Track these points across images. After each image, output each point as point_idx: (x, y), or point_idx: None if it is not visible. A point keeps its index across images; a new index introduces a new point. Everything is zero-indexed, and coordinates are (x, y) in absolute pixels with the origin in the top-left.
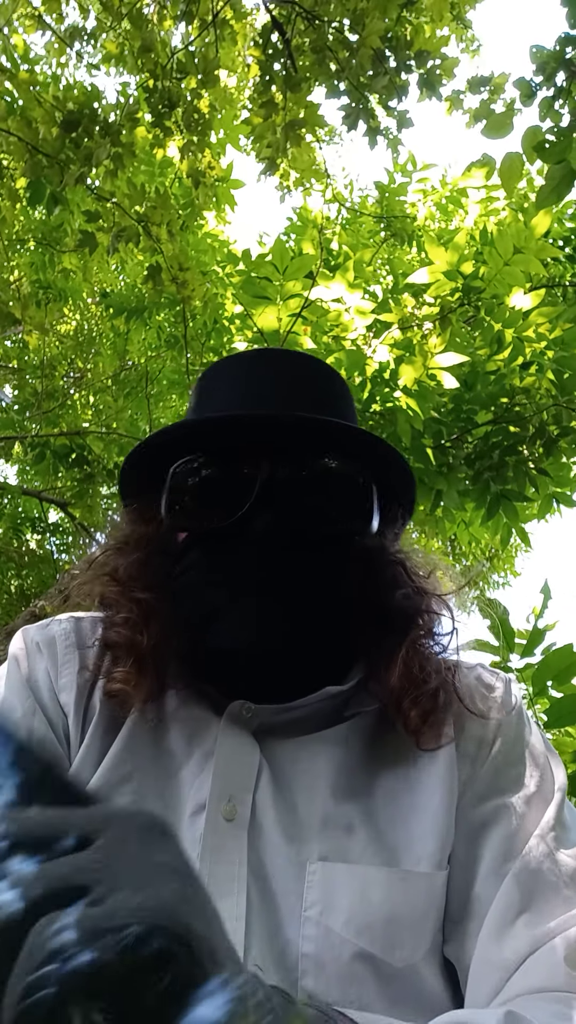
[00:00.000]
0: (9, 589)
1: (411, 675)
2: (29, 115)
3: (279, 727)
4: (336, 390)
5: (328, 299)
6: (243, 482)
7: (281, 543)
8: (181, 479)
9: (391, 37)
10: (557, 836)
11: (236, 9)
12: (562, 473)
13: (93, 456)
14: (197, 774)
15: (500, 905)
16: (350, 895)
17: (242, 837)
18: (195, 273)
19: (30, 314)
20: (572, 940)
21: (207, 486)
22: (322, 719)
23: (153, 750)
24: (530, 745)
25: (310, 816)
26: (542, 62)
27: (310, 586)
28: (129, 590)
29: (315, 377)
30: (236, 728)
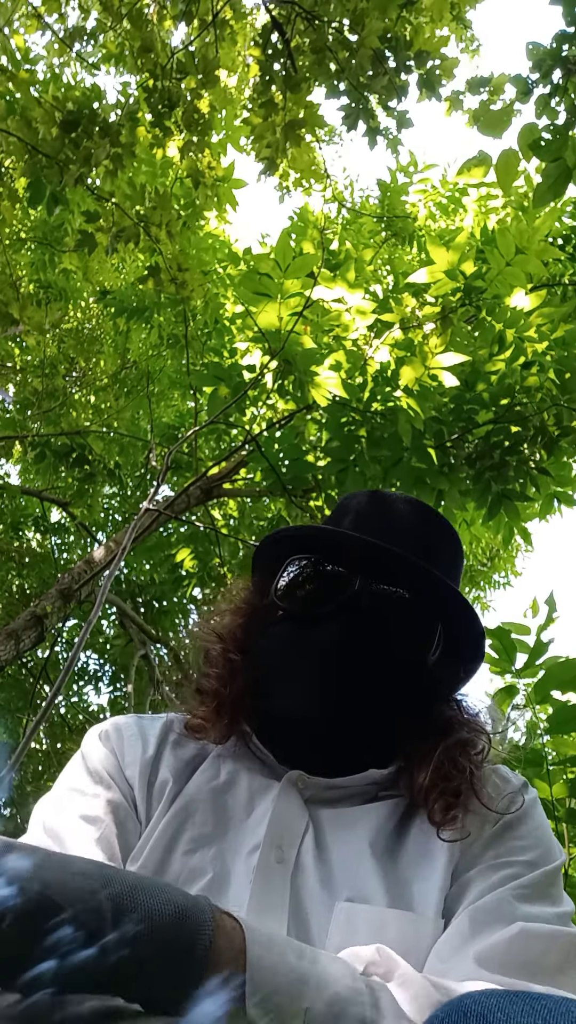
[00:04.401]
0: (9, 589)
1: (440, 773)
2: (29, 115)
3: (327, 799)
4: (454, 552)
5: (329, 299)
6: (335, 587)
7: (349, 644)
8: (293, 570)
9: (391, 37)
10: (526, 895)
11: (236, 9)
12: (563, 473)
13: (93, 455)
14: (256, 823)
15: (447, 936)
16: (368, 932)
17: (287, 876)
18: (195, 273)
19: (28, 314)
20: (487, 946)
21: (308, 581)
22: (361, 797)
23: (216, 800)
24: (534, 827)
25: (343, 870)
26: (539, 59)
27: (366, 681)
28: (226, 650)
29: (429, 532)
30: (291, 792)
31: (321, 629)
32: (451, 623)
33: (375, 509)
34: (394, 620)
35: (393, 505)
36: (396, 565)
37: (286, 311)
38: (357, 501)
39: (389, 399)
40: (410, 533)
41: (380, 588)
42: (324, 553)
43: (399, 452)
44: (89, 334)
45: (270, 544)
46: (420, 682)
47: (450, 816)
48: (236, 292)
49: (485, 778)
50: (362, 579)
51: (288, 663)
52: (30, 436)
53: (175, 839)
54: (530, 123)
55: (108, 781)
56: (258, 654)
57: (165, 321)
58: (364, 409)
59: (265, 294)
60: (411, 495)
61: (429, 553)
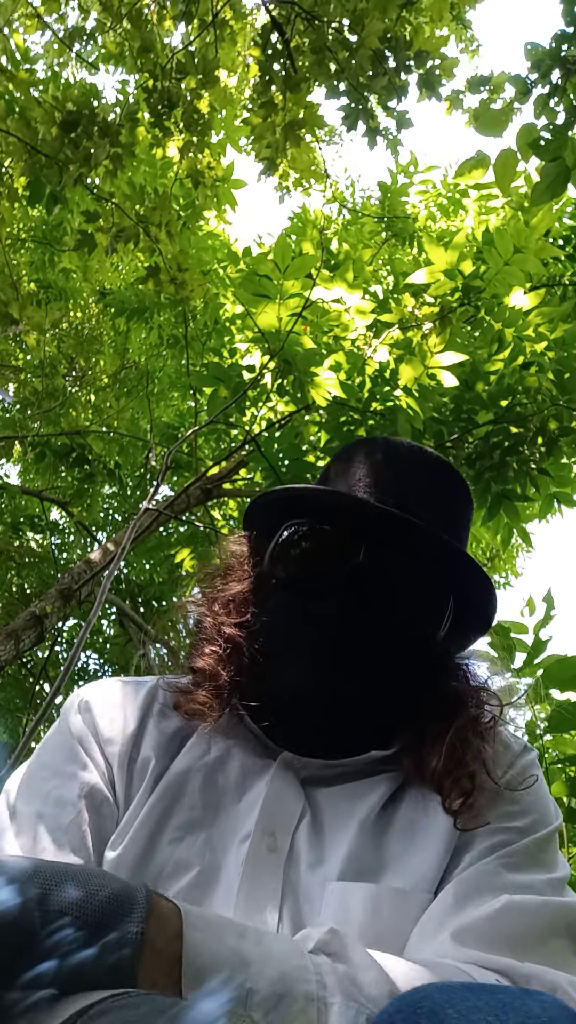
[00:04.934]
0: (9, 589)
1: (453, 758)
2: (28, 115)
3: (325, 778)
4: (455, 507)
5: (328, 299)
6: (338, 557)
7: (353, 620)
8: (291, 535)
9: (390, 37)
10: (516, 862)
11: (236, 9)
12: (563, 473)
13: (93, 455)
14: (248, 808)
15: (434, 907)
16: (363, 911)
17: (279, 866)
18: (195, 273)
19: (28, 314)
20: (467, 921)
21: (308, 549)
22: (361, 773)
23: (206, 781)
24: (531, 789)
25: (335, 849)
26: (537, 60)
27: (369, 663)
28: (222, 622)
29: (440, 489)
30: (287, 774)
31: (322, 602)
32: (462, 592)
33: (385, 464)
34: (403, 594)
35: (404, 459)
36: (408, 533)
37: (285, 312)
38: (364, 453)
39: (388, 399)
40: (424, 494)
41: (389, 558)
42: (327, 516)
43: None
44: (89, 334)
45: (264, 504)
46: (428, 659)
47: (468, 803)
48: (236, 293)
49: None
50: (368, 547)
51: (286, 640)
52: (30, 436)
53: (161, 824)
54: (529, 123)
55: (83, 760)
56: (255, 628)
57: (165, 321)
58: (363, 409)
59: (265, 295)
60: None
61: (444, 517)
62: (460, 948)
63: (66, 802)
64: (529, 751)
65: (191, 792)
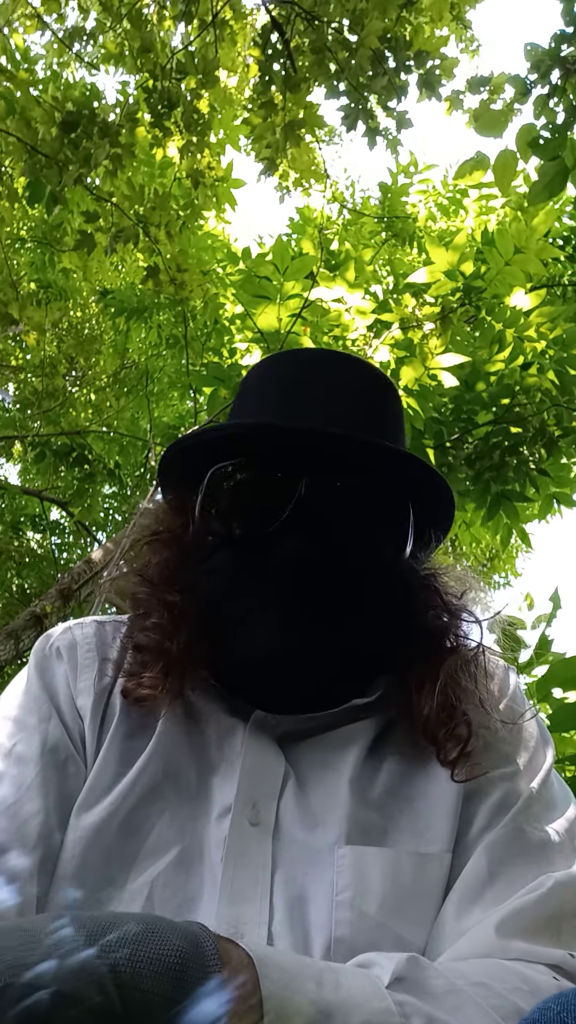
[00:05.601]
0: (9, 588)
1: (447, 704)
2: (28, 115)
3: (302, 732)
4: (386, 405)
5: (329, 299)
6: (279, 495)
7: (311, 560)
8: (218, 483)
9: (390, 37)
10: (535, 812)
11: (236, 9)
12: (562, 473)
13: (93, 455)
14: (224, 779)
15: (467, 876)
16: (382, 878)
17: (266, 841)
18: (195, 273)
19: (28, 314)
20: (510, 912)
21: (242, 494)
22: (344, 719)
23: (183, 755)
24: (522, 726)
25: (333, 807)
26: (537, 60)
27: (337, 603)
28: (160, 591)
29: (367, 389)
30: (262, 735)
31: (270, 549)
32: (418, 496)
33: (298, 380)
34: (357, 518)
35: (316, 369)
36: (347, 449)
37: (285, 312)
38: (273, 373)
39: None
40: (350, 401)
41: (332, 482)
42: (252, 454)
43: None
44: (89, 334)
45: (179, 453)
46: (397, 583)
47: (465, 752)
48: (236, 294)
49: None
50: (308, 478)
51: (239, 597)
52: (30, 436)
53: (131, 792)
54: (528, 123)
55: (49, 711)
56: (201, 591)
57: (165, 321)
58: None
59: (264, 296)
60: None
61: (374, 420)
62: (506, 941)
63: (27, 759)
64: (510, 672)
65: (164, 757)
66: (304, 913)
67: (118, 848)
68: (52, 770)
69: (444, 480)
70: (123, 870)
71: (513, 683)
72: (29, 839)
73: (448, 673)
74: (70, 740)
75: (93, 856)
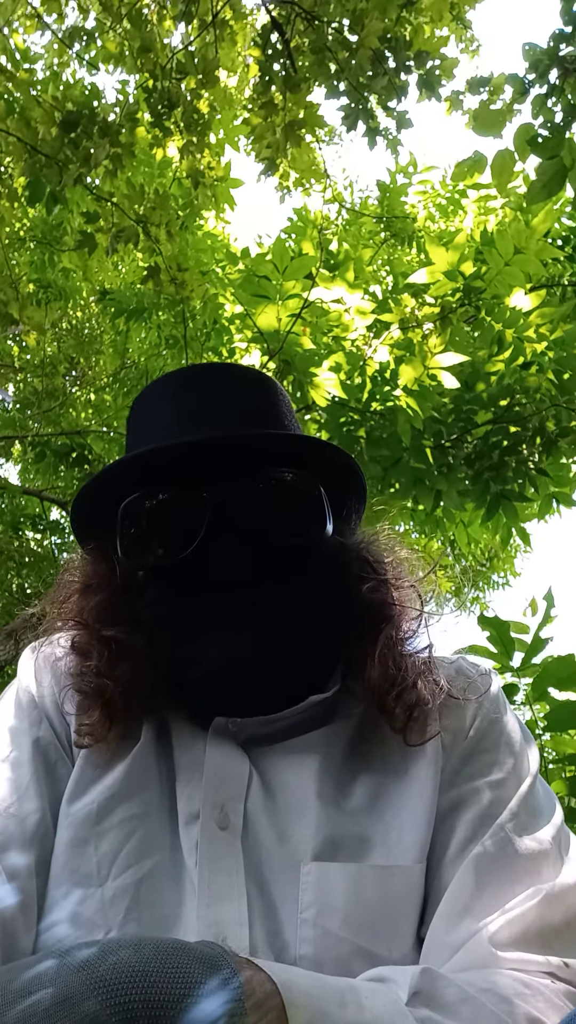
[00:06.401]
0: (9, 588)
1: (388, 673)
2: (28, 115)
3: (266, 736)
4: (272, 397)
5: (328, 299)
6: (193, 511)
7: (239, 568)
8: (131, 516)
9: (390, 38)
10: (522, 821)
11: (236, 9)
12: (562, 473)
13: (93, 455)
14: (190, 785)
15: (455, 889)
16: (346, 894)
17: (236, 845)
18: (194, 273)
19: (28, 314)
20: (502, 924)
21: (159, 520)
22: (309, 723)
23: (154, 765)
24: (505, 732)
25: (302, 819)
26: (535, 60)
27: (275, 606)
28: (96, 630)
29: (249, 388)
30: (224, 741)
31: (199, 566)
32: (326, 475)
33: (178, 396)
34: (273, 512)
35: (192, 382)
36: (238, 449)
37: (285, 312)
38: (153, 396)
39: (388, 399)
40: (233, 401)
41: (240, 484)
42: (154, 479)
43: (398, 452)
44: (89, 334)
45: (88, 500)
46: (328, 563)
47: (414, 717)
48: (235, 294)
49: (447, 676)
50: (210, 487)
51: (182, 620)
52: (30, 436)
53: (108, 803)
54: (526, 123)
55: (39, 717)
56: (145, 628)
57: (164, 321)
58: (363, 409)
59: (264, 296)
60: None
61: (262, 413)
62: (500, 953)
63: (22, 763)
64: (490, 677)
65: (131, 766)
66: (275, 924)
67: (97, 845)
68: (44, 772)
69: (342, 450)
70: (104, 867)
71: (490, 692)
72: (27, 837)
73: (387, 641)
74: (59, 744)
75: (78, 850)
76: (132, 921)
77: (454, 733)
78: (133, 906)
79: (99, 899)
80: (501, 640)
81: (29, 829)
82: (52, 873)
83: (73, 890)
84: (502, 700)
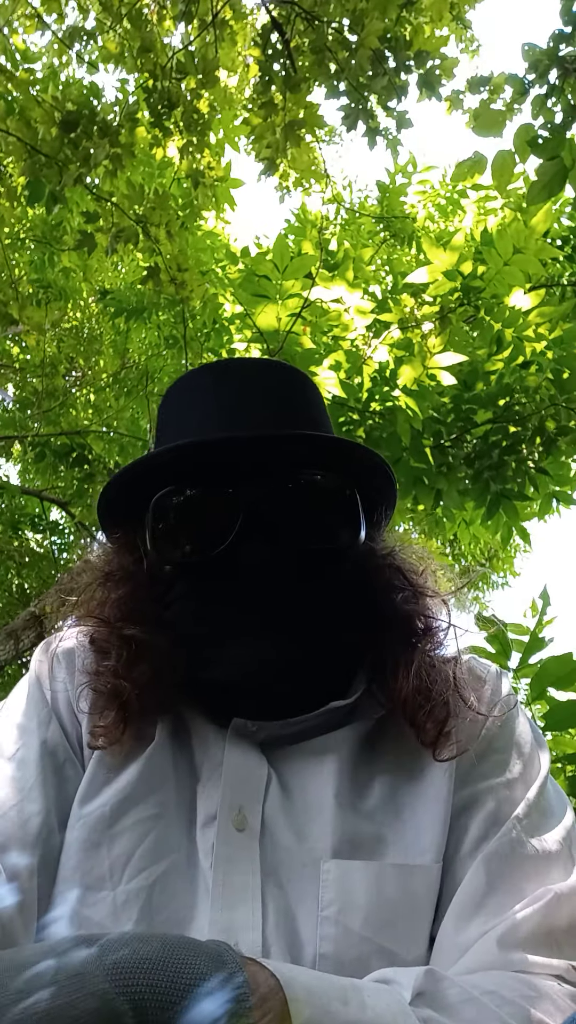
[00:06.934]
0: (9, 588)
1: (422, 687)
2: (28, 115)
3: (284, 737)
4: (308, 397)
5: (328, 299)
6: (227, 510)
7: (271, 570)
8: (164, 509)
9: (390, 37)
10: (533, 822)
11: (236, 9)
12: (561, 472)
13: (93, 455)
14: (208, 787)
15: (466, 889)
16: (367, 893)
17: (254, 847)
18: (194, 273)
19: (28, 314)
20: (511, 925)
21: (191, 516)
22: (327, 725)
23: (170, 766)
24: (516, 732)
25: (320, 818)
26: (535, 60)
27: (304, 611)
28: (118, 628)
29: (287, 386)
30: (242, 741)
31: (230, 565)
32: (359, 480)
33: (217, 387)
34: (307, 515)
35: (231, 377)
36: (276, 450)
37: (285, 312)
38: (189, 387)
39: (388, 399)
40: (272, 401)
41: (276, 486)
42: (190, 474)
43: (398, 452)
44: (89, 334)
45: (118, 489)
46: (358, 569)
47: (445, 732)
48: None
49: (465, 681)
50: (244, 486)
51: (207, 619)
52: (30, 436)
53: (123, 796)
54: (526, 123)
55: (48, 715)
56: (165, 622)
57: (164, 321)
58: (363, 409)
59: (264, 295)
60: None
61: (303, 415)
62: (508, 954)
63: (28, 762)
64: (502, 677)
65: (149, 765)
66: (293, 924)
67: (110, 848)
68: (51, 772)
69: (377, 454)
70: (117, 870)
71: (503, 691)
72: (29, 838)
73: (421, 655)
74: (68, 744)
75: (90, 852)
76: (143, 925)
77: (468, 735)
78: (145, 910)
79: (111, 903)
80: (499, 640)
81: (32, 830)
82: (61, 875)
83: (84, 893)
84: (514, 700)
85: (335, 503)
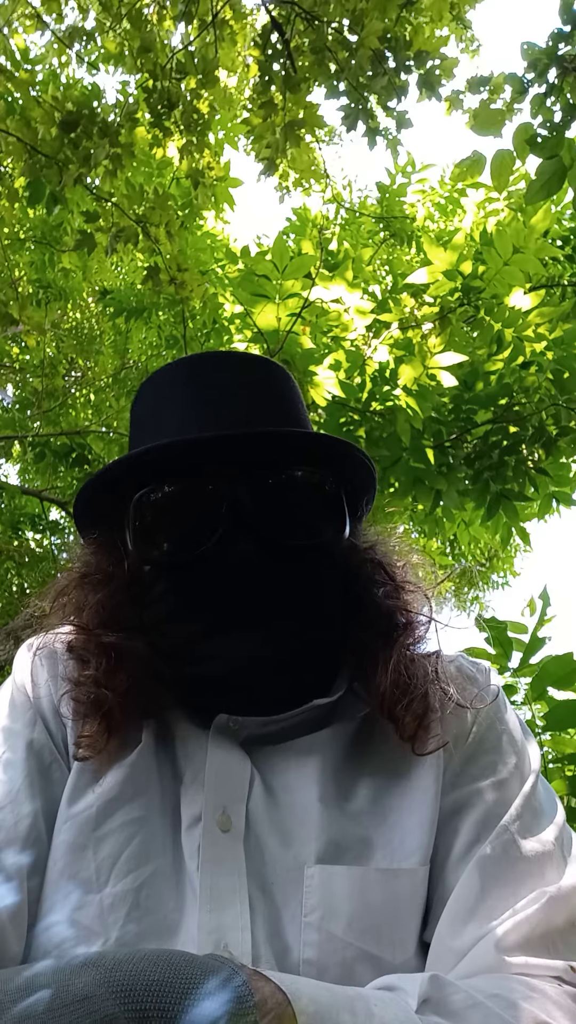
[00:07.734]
0: (9, 588)
1: (400, 681)
2: (28, 115)
3: (267, 736)
4: (288, 392)
5: (328, 299)
6: (209, 508)
7: (256, 566)
8: (144, 509)
9: (390, 37)
10: (525, 823)
11: (236, 9)
12: (561, 473)
13: (93, 455)
14: (191, 788)
15: (460, 893)
16: (350, 898)
17: (239, 848)
18: (194, 273)
19: (28, 314)
20: (508, 928)
21: (173, 514)
22: (310, 724)
23: (154, 769)
24: (506, 732)
25: (304, 820)
26: (534, 59)
27: (288, 608)
28: (96, 635)
29: (267, 380)
30: (225, 740)
31: (213, 563)
32: (340, 471)
33: (197, 382)
34: (291, 511)
35: (208, 372)
36: (258, 446)
37: (284, 312)
38: (167, 382)
39: (388, 399)
40: (251, 396)
41: (258, 483)
42: (171, 472)
43: (398, 452)
44: (89, 334)
45: (96, 490)
46: (341, 565)
47: (424, 725)
48: (235, 293)
49: (449, 677)
50: (226, 483)
51: (190, 618)
52: (30, 436)
53: (107, 807)
54: (525, 123)
55: (34, 717)
56: (143, 624)
57: (164, 321)
58: (363, 409)
59: (263, 295)
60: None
61: (281, 409)
62: (506, 957)
63: (15, 764)
64: (489, 676)
65: (134, 767)
66: (278, 927)
67: (96, 850)
68: (38, 774)
69: (356, 446)
70: (104, 872)
71: (495, 687)
72: (21, 839)
73: (401, 649)
74: (54, 745)
75: (77, 854)
76: (131, 928)
77: (455, 735)
78: (132, 913)
79: (98, 905)
80: (499, 641)
81: (22, 832)
82: (49, 877)
83: (72, 894)
84: (502, 699)
85: (318, 498)
